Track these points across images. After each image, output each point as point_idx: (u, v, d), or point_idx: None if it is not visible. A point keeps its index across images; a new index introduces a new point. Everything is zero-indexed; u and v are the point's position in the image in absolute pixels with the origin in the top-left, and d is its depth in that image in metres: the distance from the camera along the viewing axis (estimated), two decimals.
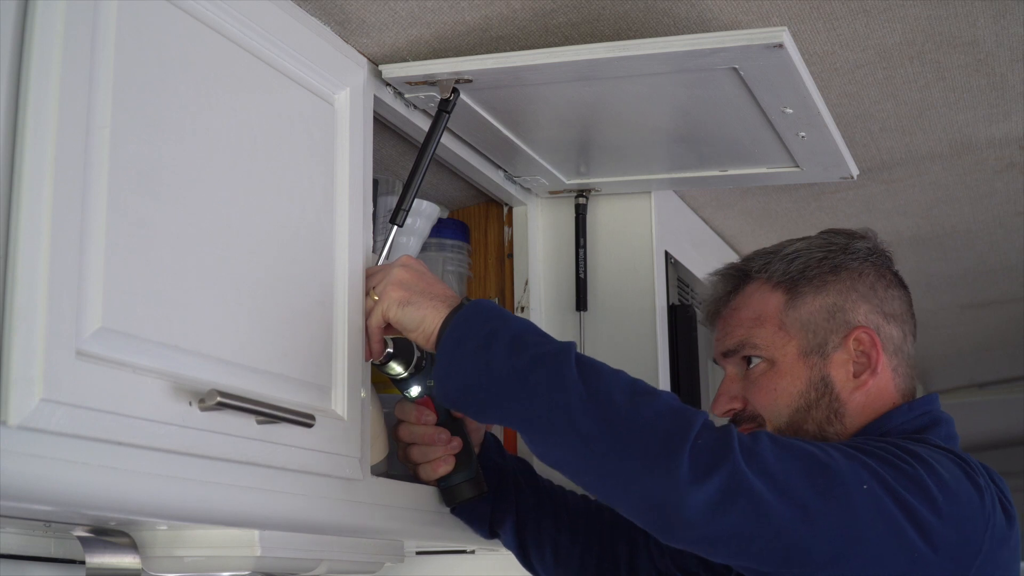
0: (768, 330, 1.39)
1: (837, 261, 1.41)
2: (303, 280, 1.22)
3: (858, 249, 1.42)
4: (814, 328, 1.38)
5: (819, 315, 1.38)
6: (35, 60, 0.91)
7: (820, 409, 1.35)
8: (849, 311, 1.38)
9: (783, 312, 1.39)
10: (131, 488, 0.98)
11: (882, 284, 1.42)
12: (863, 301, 1.39)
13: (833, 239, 1.43)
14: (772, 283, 1.41)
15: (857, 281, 1.40)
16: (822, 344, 1.37)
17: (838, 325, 1.38)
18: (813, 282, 1.39)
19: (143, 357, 0.98)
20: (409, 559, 1.82)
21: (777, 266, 1.42)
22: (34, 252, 0.88)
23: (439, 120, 1.44)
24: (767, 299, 1.41)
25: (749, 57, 1.33)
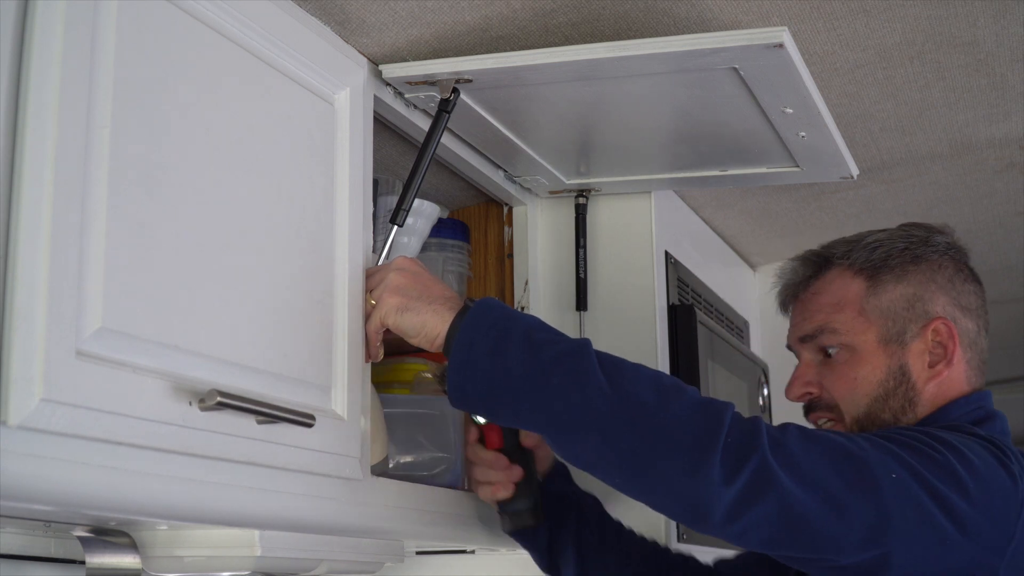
0: (848, 316, 1.40)
1: (918, 252, 1.42)
2: (303, 280, 1.22)
3: (938, 242, 1.43)
4: (894, 316, 1.39)
5: (899, 303, 1.39)
6: (35, 60, 0.91)
7: (897, 398, 1.37)
8: (928, 301, 1.39)
9: (864, 299, 1.40)
10: (131, 488, 0.98)
11: (960, 278, 1.43)
12: (942, 293, 1.40)
13: (914, 231, 1.45)
14: (854, 270, 1.42)
15: (937, 273, 1.41)
16: (901, 332, 1.38)
17: (917, 315, 1.39)
18: (895, 271, 1.41)
19: (143, 357, 0.98)
20: (409, 559, 1.82)
21: (859, 254, 1.43)
22: (34, 252, 0.88)
23: (439, 120, 1.44)
24: (848, 285, 1.42)
25: (749, 57, 1.33)
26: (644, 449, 1.14)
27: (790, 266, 1.50)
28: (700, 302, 2.01)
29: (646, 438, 1.14)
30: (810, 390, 1.42)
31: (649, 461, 1.14)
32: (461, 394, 1.23)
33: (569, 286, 1.82)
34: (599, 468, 1.20)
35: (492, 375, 1.21)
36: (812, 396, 1.42)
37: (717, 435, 1.13)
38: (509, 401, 1.21)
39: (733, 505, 1.12)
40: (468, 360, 1.22)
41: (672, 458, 1.14)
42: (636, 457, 1.15)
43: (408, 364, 1.74)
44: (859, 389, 1.38)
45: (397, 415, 1.52)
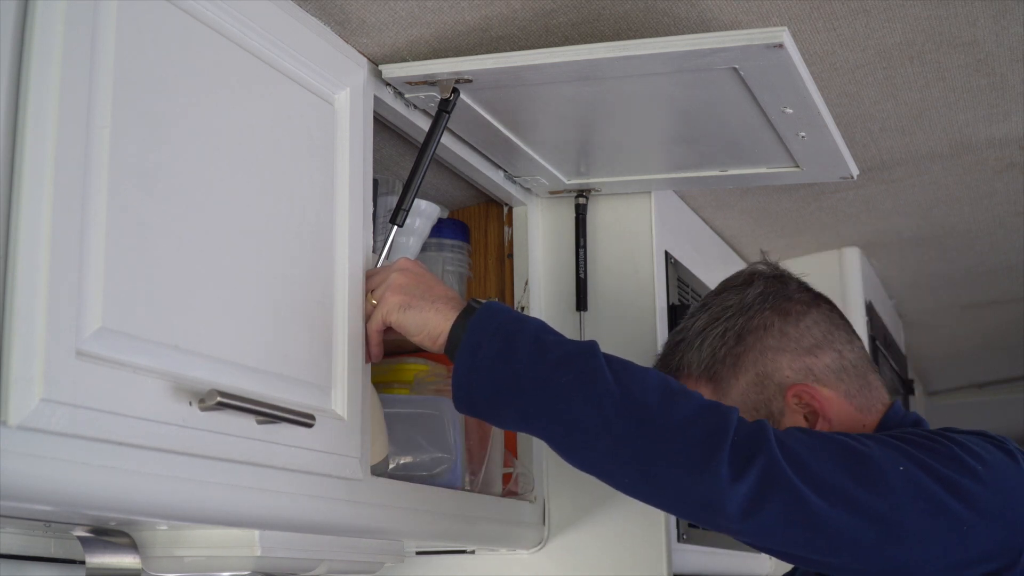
0: None
1: (738, 328, 1.40)
2: (303, 280, 1.22)
3: (751, 303, 1.41)
4: (753, 404, 1.38)
5: (750, 391, 1.39)
6: (35, 60, 0.91)
7: None
8: (774, 373, 1.38)
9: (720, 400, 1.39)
10: (131, 488, 0.98)
11: (790, 323, 1.40)
12: (780, 354, 1.39)
13: (727, 301, 1.43)
14: (695, 377, 1.42)
15: (765, 336, 1.40)
16: (769, 415, 1.38)
17: (772, 392, 1.38)
18: (726, 363, 1.40)
19: (143, 357, 0.98)
20: (409, 559, 1.82)
21: (691, 358, 1.42)
22: (34, 252, 0.88)
23: (439, 120, 1.44)
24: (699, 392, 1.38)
25: (749, 57, 1.33)
26: (653, 451, 1.14)
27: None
28: None
29: (655, 440, 1.14)
30: None
31: (658, 462, 1.14)
32: (468, 398, 1.23)
33: (569, 286, 1.82)
34: (608, 471, 1.19)
35: (499, 378, 1.21)
36: None
37: (724, 435, 1.14)
38: (517, 404, 1.20)
39: (746, 502, 1.12)
40: (475, 364, 1.21)
41: (680, 459, 1.14)
42: (645, 459, 1.15)
43: (408, 364, 1.74)
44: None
45: (397, 415, 1.52)
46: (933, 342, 3.38)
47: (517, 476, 1.73)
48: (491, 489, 1.65)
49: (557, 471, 1.78)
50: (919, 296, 2.87)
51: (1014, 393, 3.96)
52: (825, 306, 1.44)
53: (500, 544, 1.72)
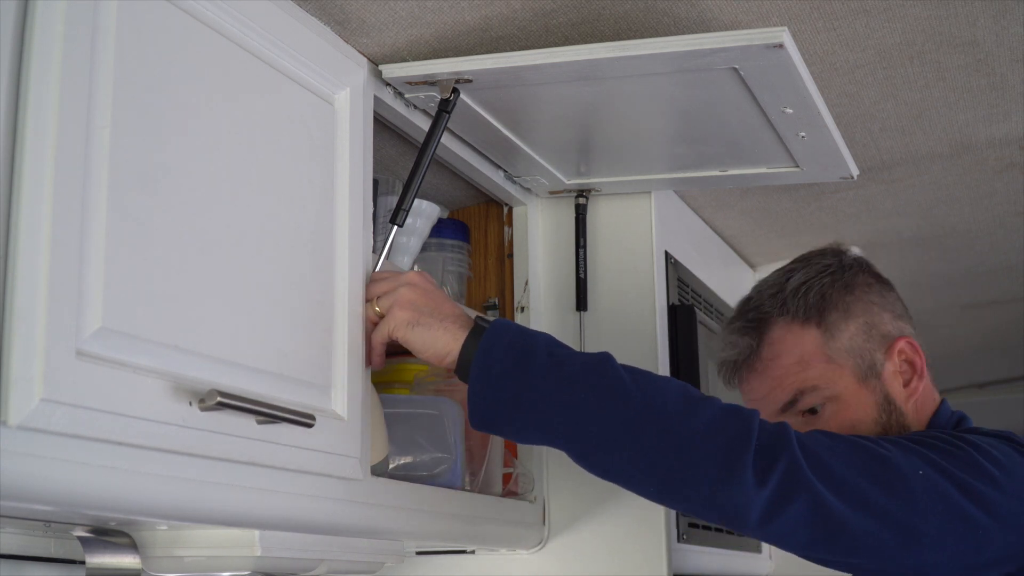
0: (819, 368, 1.38)
1: (844, 280, 1.41)
2: (303, 280, 1.22)
3: (849, 264, 1.43)
4: (859, 352, 1.38)
5: (859, 338, 1.39)
6: (35, 60, 0.91)
7: (892, 428, 1.37)
8: (879, 324, 1.40)
9: (825, 346, 1.38)
10: (131, 488, 0.98)
11: (884, 289, 1.43)
12: (883, 310, 1.41)
13: (824, 260, 1.43)
14: (799, 322, 1.39)
15: (869, 293, 1.42)
16: (872, 364, 1.38)
17: (878, 342, 1.39)
18: (838, 307, 1.39)
19: (143, 357, 0.98)
20: (409, 559, 1.82)
21: (794, 303, 1.40)
22: (34, 252, 0.88)
23: (439, 120, 1.44)
24: (802, 338, 1.39)
25: (749, 57, 1.33)
26: (677, 457, 1.14)
27: (730, 340, 1.45)
28: (700, 302, 2.01)
29: (678, 446, 1.14)
30: None
31: (683, 469, 1.14)
32: (485, 417, 1.23)
33: (569, 286, 1.82)
34: (632, 479, 1.19)
35: (516, 395, 1.20)
36: None
37: (748, 439, 1.14)
38: (536, 419, 1.20)
39: (767, 506, 1.13)
40: (490, 382, 1.21)
41: (706, 464, 1.14)
42: (669, 466, 1.15)
43: (408, 364, 1.74)
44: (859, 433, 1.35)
45: (397, 415, 1.52)
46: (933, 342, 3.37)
47: (517, 476, 1.73)
48: (491, 489, 1.65)
49: (557, 471, 1.78)
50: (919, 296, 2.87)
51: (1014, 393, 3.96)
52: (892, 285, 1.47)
53: (500, 544, 1.72)
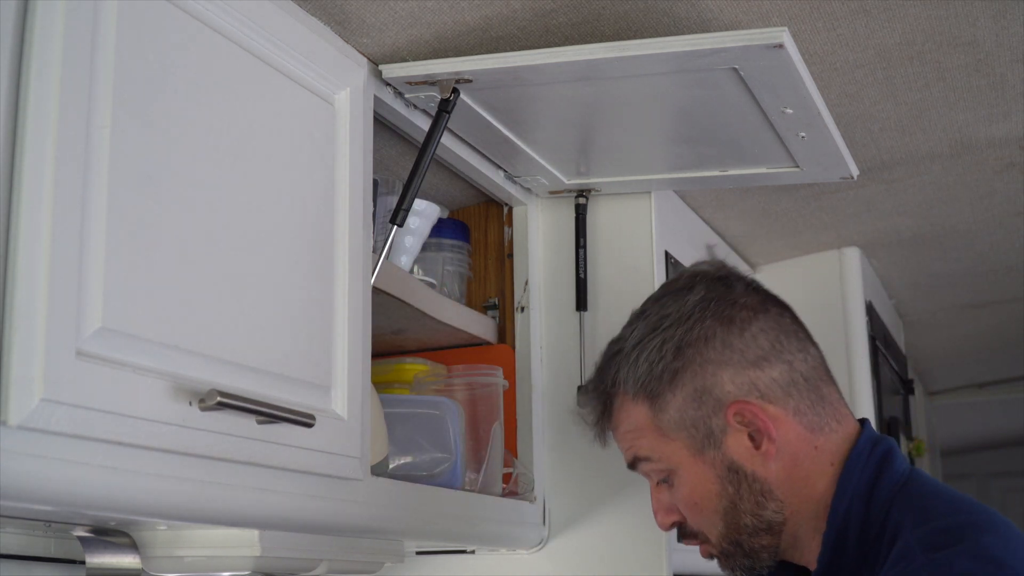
0: (650, 439, 1.30)
1: (676, 340, 1.27)
2: (303, 280, 1.22)
3: (691, 311, 1.28)
4: (690, 423, 1.26)
5: (688, 409, 1.26)
6: (35, 60, 0.91)
7: (745, 499, 1.26)
8: (713, 387, 1.26)
9: (655, 420, 1.28)
10: (131, 488, 0.98)
11: (734, 332, 1.27)
12: (721, 368, 1.26)
13: (665, 310, 1.30)
14: (631, 395, 1.30)
15: (705, 349, 1.27)
16: (708, 434, 1.26)
17: (712, 408, 1.26)
18: (663, 378, 1.27)
19: (143, 357, 0.98)
20: (409, 559, 1.82)
21: (627, 374, 1.30)
22: (34, 252, 0.88)
23: (439, 120, 1.44)
24: (634, 412, 1.31)
25: (749, 57, 1.33)
26: None
27: (583, 400, 1.39)
28: None
29: None
30: (673, 518, 1.32)
31: None
32: None
33: (569, 286, 1.82)
34: None
35: None
36: (678, 522, 1.32)
37: None
38: None
39: None
40: None
41: None
42: None
43: (408, 364, 1.74)
44: (706, 509, 1.27)
45: (397, 415, 1.52)
46: (933, 342, 3.38)
47: (517, 476, 1.73)
48: (491, 489, 1.65)
49: (557, 471, 1.78)
50: (919, 296, 2.87)
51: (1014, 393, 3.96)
52: (775, 310, 1.31)
53: (500, 544, 1.72)
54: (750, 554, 1.28)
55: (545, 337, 1.83)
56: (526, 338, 1.81)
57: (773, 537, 1.27)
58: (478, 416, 1.67)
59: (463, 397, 1.66)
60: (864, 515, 1.22)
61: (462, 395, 1.67)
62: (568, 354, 1.81)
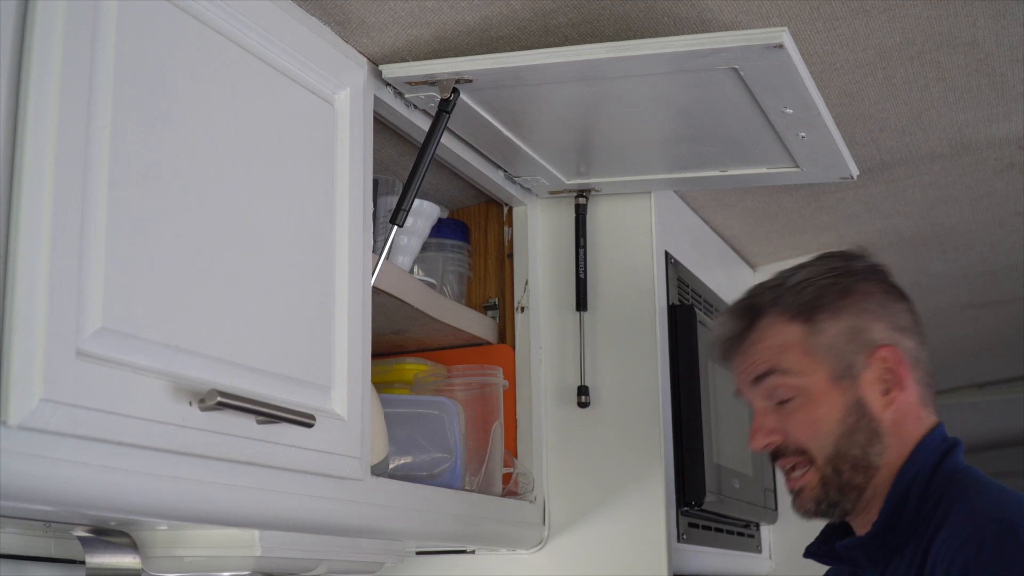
0: (795, 355, 1.39)
1: (845, 284, 1.41)
2: (303, 280, 1.22)
3: (858, 269, 1.43)
4: (839, 351, 1.38)
5: (841, 338, 1.38)
6: (35, 60, 0.91)
7: (860, 432, 1.36)
8: (868, 330, 1.39)
9: (806, 340, 1.39)
10: (131, 488, 0.98)
11: (889, 299, 1.42)
12: (877, 319, 1.40)
13: (832, 263, 1.43)
14: (788, 315, 1.41)
15: (867, 300, 1.40)
16: (850, 367, 1.37)
17: (861, 346, 1.38)
18: (828, 308, 1.39)
19: (143, 357, 0.98)
20: (409, 559, 1.82)
21: (788, 298, 1.41)
22: (34, 252, 0.88)
23: (439, 120, 1.44)
24: (787, 330, 1.40)
25: (749, 57, 1.33)
26: None
27: (723, 319, 1.48)
28: (700, 302, 2.01)
29: None
30: (773, 439, 1.40)
31: None
32: None
33: (569, 286, 1.82)
34: None
35: None
36: (776, 444, 1.40)
37: None
38: None
39: None
40: None
41: None
42: None
43: (408, 364, 1.74)
44: (822, 430, 1.36)
45: (397, 415, 1.52)
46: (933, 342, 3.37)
47: (517, 476, 1.73)
48: (491, 489, 1.65)
49: (557, 471, 1.78)
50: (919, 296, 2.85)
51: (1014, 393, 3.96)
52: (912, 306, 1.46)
53: (500, 544, 1.72)
54: (842, 488, 1.36)
55: (545, 337, 1.83)
56: (526, 338, 1.81)
57: (865, 480, 1.36)
58: (478, 416, 1.67)
59: (463, 397, 1.66)
60: (923, 492, 1.33)
61: (462, 395, 1.67)
62: (568, 354, 1.81)
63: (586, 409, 1.78)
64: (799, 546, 1.50)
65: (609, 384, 1.78)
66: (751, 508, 2.06)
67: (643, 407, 1.76)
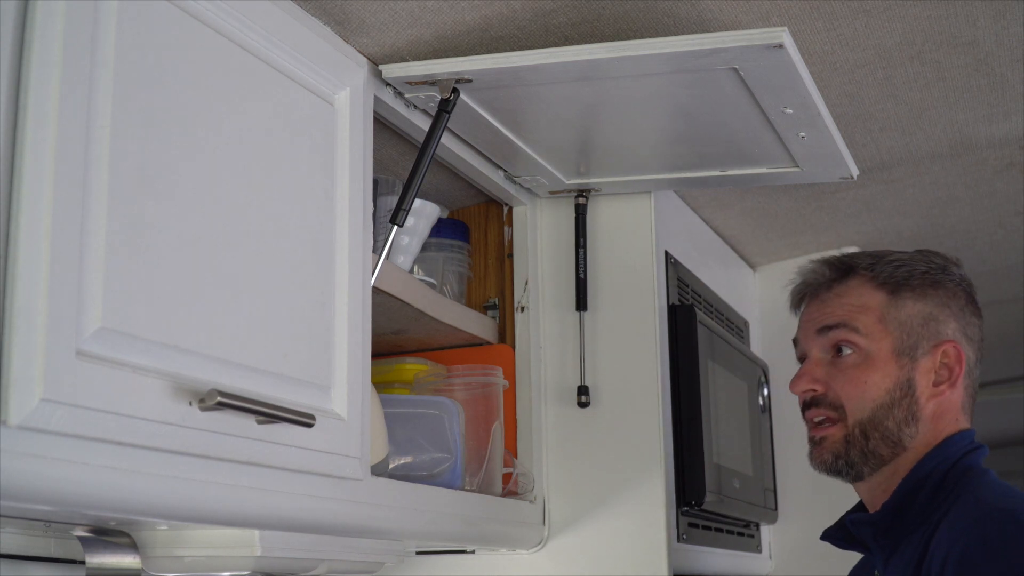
0: (870, 319, 1.44)
1: (937, 277, 1.47)
2: (303, 280, 1.22)
3: (954, 273, 1.49)
4: (909, 330, 1.44)
5: (916, 319, 1.44)
6: (35, 60, 0.91)
7: (901, 409, 1.41)
8: (942, 323, 1.45)
9: (885, 308, 1.44)
10: (131, 488, 0.98)
11: (969, 309, 1.49)
12: (954, 318, 1.46)
13: (933, 258, 1.50)
14: (877, 282, 1.46)
15: (951, 299, 1.47)
16: (913, 347, 1.43)
17: (930, 333, 1.44)
18: (915, 289, 1.46)
19: (143, 357, 0.98)
20: (409, 559, 1.82)
21: (884, 268, 1.47)
22: (34, 252, 0.88)
23: (439, 120, 1.44)
24: (871, 294, 1.46)
25: (749, 57, 1.33)
26: None
27: (813, 266, 1.53)
28: (700, 302, 2.01)
29: None
30: (815, 387, 1.45)
31: None
32: None
33: (569, 286, 1.82)
34: None
35: None
36: (816, 393, 1.45)
37: None
38: None
39: None
40: None
41: None
42: None
43: (408, 364, 1.74)
44: (867, 393, 1.42)
45: (397, 415, 1.52)
46: None
47: (517, 476, 1.73)
48: (491, 489, 1.65)
49: (557, 471, 1.78)
50: None
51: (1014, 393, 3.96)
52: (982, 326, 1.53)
53: (500, 544, 1.72)
54: (864, 453, 1.41)
55: (545, 337, 1.83)
56: (526, 338, 1.81)
57: (890, 454, 1.41)
58: (478, 416, 1.67)
59: (463, 397, 1.66)
60: (940, 482, 1.38)
61: (462, 395, 1.67)
62: (568, 354, 1.81)
63: (586, 409, 1.78)
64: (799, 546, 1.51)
65: (609, 384, 1.78)
66: (751, 508, 2.06)
67: (643, 407, 1.76)
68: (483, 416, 1.68)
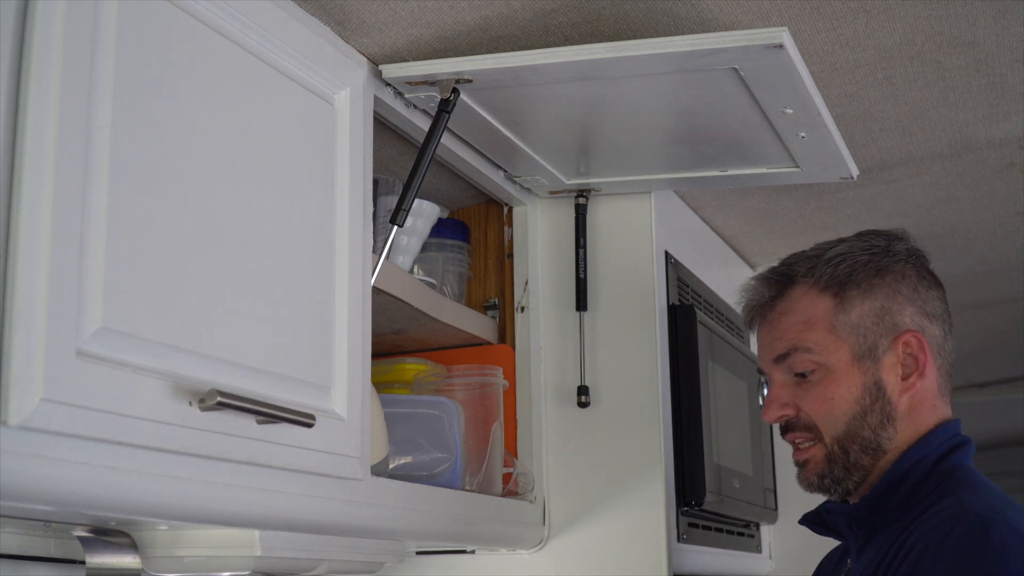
0: (819, 334, 1.39)
1: (881, 263, 1.41)
2: (303, 280, 1.22)
3: (899, 250, 1.42)
4: (864, 332, 1.38)
5: (868, 318, 1.38)
6: (35, 60, 0.91)
7: (874, 414, 1.37)
8: (896, 313, 1.39)
9: (833, 316, 1.39)
10: (131, 488, 0.98)
11: (923, 284, 1.42)
12: (908, 303, 1.40)
13: (873, 241, 1.43)
14: (820, 287, 1.40)
15: (901, 283, 1.40)
16: (873, 348, 1.38)
17: (887, 328, 1.38)
18: (861, 285, 1.39)
19: (143, 357, 0.98)
20: (409, 559, 1.82)
21: (823, 269, 1.41)
22: (34, 252, 0.89)
23: (439, 120, 1.44)
24: (816, 303, 1.40)
25: (749, 57, 1.33)
26: None
27: (752, 285, 1.47)
28: (700, 302, 2.01)
29: None
30: (786, 412, 1.41)
31: None
32: None
33: (569, 286, 1.82)
34: None
35: None
36: (788, 417, 1.41)
37: None
38: None
39: None
40: None
41: None
42: None
43: (408, 364, 1.74)
44: (836, 408, 1.37)
45: (397, 415, 1.52)
46: None
47: (517, 476, 1.73)
48: (491, 489, 1.65)
49: (557, 471, 1.78)
50: None
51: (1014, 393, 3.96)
52: (944, 295, 1.46)
53: (500, 544, 1.72)
54: (848, 467, 1.37)
55: (545, 337, 1.83)
56: (526, 338, 1.81)
57: (872, 461, 1.36)
58: (478, 416, 1.67)
59: (463, 397, 1.66)
60: (924, 476, 1.34)
61: (462, 395, 1.67)
62: (568, 354, 1.81)
63: (586, 409, 1.78)
64: (799, 546, 1.51)
65: (609, 384, 1.79)
66: (751, 508, 2.06)
67: (643, 407, 1.76)
68: (483, 416, 1.68)
